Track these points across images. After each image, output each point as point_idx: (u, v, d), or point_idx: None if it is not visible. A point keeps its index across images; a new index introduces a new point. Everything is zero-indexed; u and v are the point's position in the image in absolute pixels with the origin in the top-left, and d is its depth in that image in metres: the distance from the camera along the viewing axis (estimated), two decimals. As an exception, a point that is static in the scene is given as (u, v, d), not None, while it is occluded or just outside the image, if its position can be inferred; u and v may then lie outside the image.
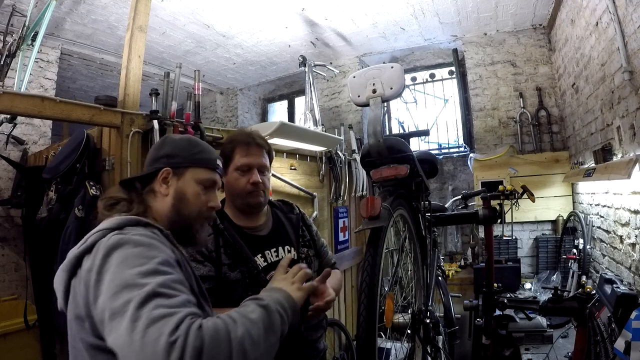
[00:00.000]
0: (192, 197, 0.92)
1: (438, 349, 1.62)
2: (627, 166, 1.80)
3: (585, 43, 2.60)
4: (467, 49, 4.04)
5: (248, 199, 1.31)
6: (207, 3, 3.23)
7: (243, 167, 1.30)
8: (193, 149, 0.96)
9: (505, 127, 3.86)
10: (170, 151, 0.94)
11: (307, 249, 1.43)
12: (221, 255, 1.25)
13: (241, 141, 1.33)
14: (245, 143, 1.32)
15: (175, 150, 0.94)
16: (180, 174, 0.92)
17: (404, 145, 1.36)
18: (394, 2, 3.39)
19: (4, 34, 2.76)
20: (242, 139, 1.33)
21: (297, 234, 1.42)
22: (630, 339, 1.33)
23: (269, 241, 1.35)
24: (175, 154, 0.93)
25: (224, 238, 1.27)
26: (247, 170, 1.30)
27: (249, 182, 1.29)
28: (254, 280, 1.23)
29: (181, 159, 0.93)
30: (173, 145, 0.96)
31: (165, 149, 0.95)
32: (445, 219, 2.09)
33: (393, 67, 1.33)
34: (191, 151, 0.95)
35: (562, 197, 3.47)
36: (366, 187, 3.63)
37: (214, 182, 0.97)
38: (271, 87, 5.61)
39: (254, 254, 1.29)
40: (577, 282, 2.56)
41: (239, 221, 1.34)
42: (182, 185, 0.92)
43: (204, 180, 0.94)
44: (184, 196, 0.91)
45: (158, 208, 0.91)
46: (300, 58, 3.62)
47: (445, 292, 2.44)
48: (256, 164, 1.31)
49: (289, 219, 1.45)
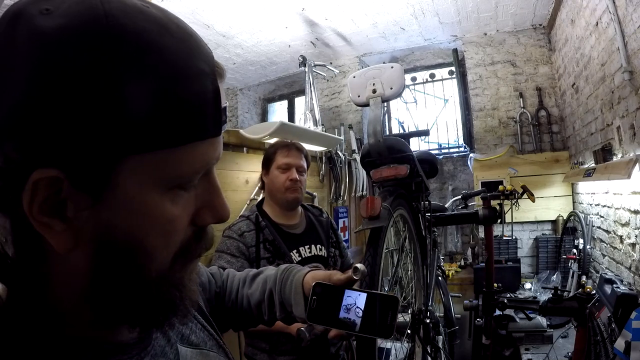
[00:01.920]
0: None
1: (438, 349, 1.62)
2: (627, 166, 1.80)
3: (585, 43, 2.60)
4: (467, 49, 4.04)
5: (287, 194, 1.48)
6: (207, 3, 3.23)
7: (283, 166, 1.49)
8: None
9: (505, 127, 3.86)
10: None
11: (334, 249, 1.63)
12: (260, 250, 1.41)
13: (282, 145, 1.54)
14: (286, 146, 1.53)
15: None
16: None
17: (404, 145, 1.36)
18: (394, 2, 3.39)
19: (4, 34, 2.75)
20: (284, 143, 1.55)
21: (327, 235, 1.61)
22: (630, 339, 1.33)
23: (303, 239, 1.53)
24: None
25: (265, 234, 1.44)
26: (286, 168, 1.49)
27: (288, 179, 1.48)
28: None
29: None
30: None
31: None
32: (445, 219, 2.09)
33: (393, 67, 1.33)
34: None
35: (562, 197, 3.47)
36: (366, 187, 3.63)
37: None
38: (271, 87, 5.61)
39: (289, 249, 1.45)
40: (577, 282, 2.56)
41: (277, 219, 1.52)
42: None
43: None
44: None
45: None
46: (300, 58, 3.62)
47: (445, 292, 2.44)
48: (295, 164, 1.51)
49: (319, 221, 1.63)
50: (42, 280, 0.34)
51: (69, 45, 0.27)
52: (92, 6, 0.28)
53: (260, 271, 0.74)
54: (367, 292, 0.54)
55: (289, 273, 0.67)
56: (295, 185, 1.49)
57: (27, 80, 0.27)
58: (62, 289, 0.35)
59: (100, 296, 0.34)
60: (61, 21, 0.27)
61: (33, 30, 0.27)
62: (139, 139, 0.29)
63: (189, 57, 0.32)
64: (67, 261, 0.33)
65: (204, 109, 0.32)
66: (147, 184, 0.32)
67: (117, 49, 0.28)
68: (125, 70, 0.28)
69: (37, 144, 0.27)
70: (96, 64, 0.27)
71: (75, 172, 0.29)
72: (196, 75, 0.32)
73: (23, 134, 0.27)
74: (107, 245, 0.32)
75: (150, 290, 0.35)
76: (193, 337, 0.50)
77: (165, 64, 0.30)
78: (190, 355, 0.46)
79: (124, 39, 0.28)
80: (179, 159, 0.32)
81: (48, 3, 0.28)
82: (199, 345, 0.50)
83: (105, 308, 0.35)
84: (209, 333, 0.54)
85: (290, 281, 0.66)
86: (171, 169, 0.32)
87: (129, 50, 0.28)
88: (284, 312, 0.66)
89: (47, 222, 0.30)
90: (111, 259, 0.33)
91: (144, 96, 0.29)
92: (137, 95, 0.28)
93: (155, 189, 0.33)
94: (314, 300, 0.56)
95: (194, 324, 0.52)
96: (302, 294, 0.63)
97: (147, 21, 0.30)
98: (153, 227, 0.33)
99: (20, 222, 0.32)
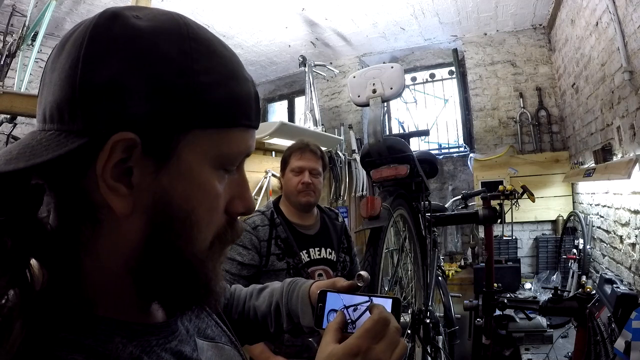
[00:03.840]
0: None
1: (438, 349, 1.62)
2: (627, 166, 1.80)
3: (585, 43, 2.60)
4: (467, 49, 4.04)
5: (299, 197, 1.48)
6: (207, 3, 3.23)
7: (296, 169, 1.50)
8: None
9: (505, 127, 3.86)
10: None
11: (345, 255, 1.62)
12: (271, 246, 1.43)
13: (297, 147, 1.53)
14: (300, 149, 1.53)
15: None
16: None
17: (404, 145, 1.37)
18: (394, 2, 3.39)
19: (4, 34, 2.76)
20: (298, 146, 1.54)
21: (339, 240, 1.61)
22: (630, 339, 1.33)
23: (315, 240, 1.53)
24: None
25: (278, 231, 1.46)
26: (299, 172, 1.50)
27: (300, 182, 1.48)
28: (297, 272, 1.43)
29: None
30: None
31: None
32: (445, 219, 2.09)
33: (393, 67, 1.33)
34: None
35: (562, 197, 3.47)
36: (366, 187, 3.63)
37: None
38: (271, 87, 5.61)
39: (300, 249, 1.47)
40: (577, 282, 2.56)
41: (292, 218, 1.53)
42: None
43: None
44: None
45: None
46: (300, 58, 3.62)
47: (445, 292, 2.44)
48: (308, 167, 1.50)
49: (334, 225, 1.63)
50: (84, 254, 0.36)
51: (160, 39, 0.34)
52: (174, 17, 0.37)
53: (266, 285, 0.75)
54: (370, 296, 0.55)
55: (294, 285, 0.69)
56: (307, 188, 1.48)
57: (123, 59, 0.33)
58: (105, 262, 0.37)
59: (146, 267, 0.36)
60: (152, 24, 0.35)
61: (131, 27, 0.34)
62: (204, 116, 0.36)
63: (238, 66, 0.40)
64: (118, 230, 0.36)
65: (250, 103, 0.40)
66: (204, 158, 0.37)
67: (195, 48, 0.36)
68: (200, 63, 0.36)
69: (123, 110, 0.33)
70: (180, 54, 0.35)
71: (149, 138, 0.34)
72: (244, 79, 0.40)
73: (114, 100, 0.32)
74: (161, 212, 0.36)
75: (192, 267, 0.38)
76: (209, 331, 0.51)
77: (225, 66, 0.38)
78: (206, 348, 0.47)
79: (199, 42, 0.37)
80: (231, 139, 0.39)
81: (138, 12, 0.36)
82: (215, 339, 0.50)
83: (148, 281, 0.37)
84: (222, 329, 0.55)
85: (297, 293, 0.66)
86: (224, 147, 0.38)
87: (202, 50, 0.36)
88: (291, 324, 0.66)
89: (114, 185, 0.33)
90: (162, 226, 0.36)
91: (211, 84, 0.36)
92: (206, 82, 0.36)
93: (209, 165, 0.38)
94: (320, 307, 0.56)
95: (209, 319, 0.53)
96: (309, 304, 0.64)
97: (211, 35, 0.39)
98: (204, 199, 0.38)
99: (75, 193, 0.35)
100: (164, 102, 0.33)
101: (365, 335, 0.45)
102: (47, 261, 0.35)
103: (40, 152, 0.32)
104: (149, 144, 0.34)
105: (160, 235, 0.36)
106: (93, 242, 0.36)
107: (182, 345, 0.42)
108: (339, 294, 0.56)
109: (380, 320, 0.46)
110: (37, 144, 0.33)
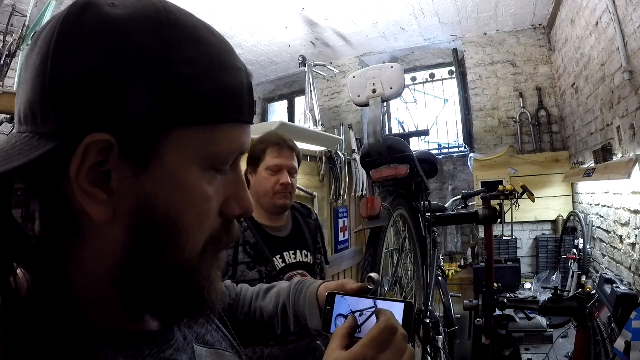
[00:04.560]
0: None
1: (438, 349, 1.62)
2: (627, 166, 1.80)
3: (585, 43, 2.60)
4: (467, 49, 4.04)
5: (275, 199, 1.32)
6: (206, 3, 3.23)
7: (273, 168, 1.32)
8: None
9: (505, 127, 3.86)
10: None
11: (321, 255, 1.48)
12: (239, 254, 1.23)
13: (273, 142, 1.34)
14: (277, 144, 1.34)
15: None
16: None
17: (404, 145, 1.37)
18: (394, 2, 3.39)
19: (4, 34, 2.76)
20: (274, 140, 1.35)
21: (314, 240, 1.47)
22: (630, 339, 1.33)
23: (288, 243, 1.37)
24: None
25: (246, 236, 1.27)
26: (277, 171, 1.32)
27: (278, 183, 1.31)
28: (271, 281, 1.27)
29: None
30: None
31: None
32: (445, 219, 2.09)
33: (393, 67, 1.33)
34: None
35: (562, 197, 3.47)
36: (366, 187, 3.63)
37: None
38: (271, 87, 5.61)
39: (272, 254, 1.30)
40: (577, 282, 2.56)
41: (261, 219, 1.34)
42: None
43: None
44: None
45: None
46: (300, 58, 3.62)
47: (445, 292, 2.44)
48: (286, 166, 1.33)
49: (307, 224, 1.48)
50: (69, 262, 0.34)
51: (135, 28, 0.31)
52: (153, 3, 0.33)
53: (273, 285, 0.74)
54: (382, 300, 0.52)
55: (302, 286, 0.67)
56: (286, 190, 1.33)
57: (95, 53, 0.30)
58: (90, 271, 0.34)
59: (130, 278, 0.33)
60: (128, 11, 0.31)
61: (104, 16, 0.31)
62: (187, 112, 0.32)
63: (228, 54, 0.36)
64: (100, 238, 0.33)
65: (242, 96, 0.36)
66: (189, 159, 0.34)
67: (176, 36, 0.32)
68: (181, 53, 0.32)
69: (96, 109, 0.30)
70: (158, 43, 0.31)
71: (126, 139, 0.30)
72: (235, 69, 0.36)
73: (86, 99, 0.29)
74: (144, 219, 0.33)
75: (181, 277, 0.35)
76: (208, 336, 0.49)
77: (212, 55, 0.34)
78: (205, 355, 0.45)
79: (181, 29, 0.33)
80: (219, 137, 0.35)
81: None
82: (214, 345, 0.48)
83: (133, 293, 0.34)
84: (223, 334, 0.53)
85: (304, 294, 0.64)
86: (212, 146, 0.34)
87: (184, 38, 0.33)
88: (298, 326, 0.64)
89: (91, 191, 0.31)
90: (146, 234, 0.33)
91: (195, 76, 0.32)
92: (189, 74, 0.32)
93: (197, 165, 0.34)
94: (329, 311, 0.54)
95: (209, 324, 0.51)
96: (316, 306, 0.62)
97: (197, 21, 0.35)
98: (191, 204, 0.34)
99: (55, 199, 0.33)
100: (140, 99, 0.30)
101: (371, 345, 0.43)
102: (31, 268, 0.33)
103: (12, 157, 0.30)
104: (127, 145, 0.31)
105: (144, 244, 0.33)
106: (77, 250, 0.34)
107: (178, 354, 0.40)
108: (348, 297, 0.54)
109: (387, 329, 0.45)
110: (11, 147, 0.31)
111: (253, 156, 1.37)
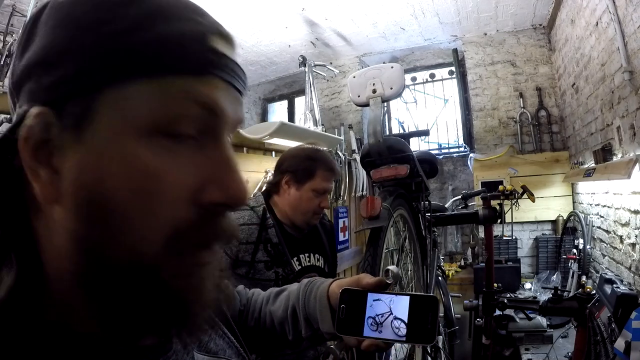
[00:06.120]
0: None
1: (438, 349, 1.62)
2: (627, 166, 1.80)
3: (585, 43, 2.60)
4: (467, 49, 4.04)
5: (312, 219, 1.35)
6: (206, 3, 3.21)
7: (320, 190, 1.33)
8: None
9: (505, 127, 3.86)
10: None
11: (333, 258, 1.50)
12: (258, 251, 1.22)
13: (327, 167, 1.35)
14: (330, 170, 1.35)
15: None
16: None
17: (404, 145, 1.36)
18: (394, 2, 3.39)
19: (4, 34, 2.76)
20: (329, 166, 1.35)
21: (331, 244, 1.50)
22: (630, 339, 1.33)
23: (304, 245, 1.38)
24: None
25: (268, 234, 1.26)
26: (322, 193, 1.34)
27: (319, 205, 1.33)
28: (287, 284, 1.24)
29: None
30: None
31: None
32: (445, 219, 2.09)
33: (393, 67, 1.33)
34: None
35: (562, 197, 3.47)
36: (366, 187, 3.63)
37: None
38: (271, 87, 5.60)
39: (291, 255, 1.30)
40: (577, 282, 2.56)
41: (283, 219, 1.36)
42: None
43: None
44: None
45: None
46: (300, 58, 3.62)
47: (445, 292, 2.44)
48: (330, 190, 1.38)
49: (323, 225, 1.50)
50: (42, 253, 0.30)
51: (74, 3, 0.30)
52: None
53: (284, 288, 0.69)
54: (405, 295, 0.48)
55: (312, 286, 0.62)
56: (322, 211, 1.38)
57: (41, 36, 0.30)
58: (57, 264, 0.30)
59: (81, 274, 0.29)
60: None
61: (56, 3, 0.31)
62: (117, 69, 0.28)
63: (179, 7, 0.32)
64: (53, 223, 0.30)
65: (185, 43, 0.30)
66: (122, 124, 0.29)
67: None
68: (113, 11, 0.29)
69: (38, 85, 0.29)
70: (91, 9, 0.29)
71: (63, 110, 0.28)
72: (185, 19, 0.32)
73: (33, 78, 0.29)
74: (82, 202, 0.28)
75: (136, 278, 0.29)
76: (212, 344, 0.45)
77: (152, 8, 0.30)
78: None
79: None
80: (162, 92, 0.29)
81: None
82: (217, 353, 0.45)
83: (91, 295, 0.29)
84: (230, 340, 0.48)
85: (314, 294, 0.59)
86: (153, 103, 0.29)
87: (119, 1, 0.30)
88: (310, 330, 0.59)
89: (35, 169, 0.28)
90: (87, 219, 0.28)
91: (126, 30, 0.29)
92: (120, 30, 0.29)
93: (131, 132, 0.29)
94: (343, 310, 0.49)
95: (214, 330, 0.48)
96: (327, 306, 0.56)
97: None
98: (127, 180, 0.28)
99: (17, 180, 0.30)
100: (69, 65, 0.28)
101: None
102: (8, 265, 0.30)
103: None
104: (64, 117, 0.28)
105: (85, 232, 0.28)
106: (45, 240, 0.30)
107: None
108: (365, 292, 0.49)
109: None
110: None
111: (300, 170, 1.33)
